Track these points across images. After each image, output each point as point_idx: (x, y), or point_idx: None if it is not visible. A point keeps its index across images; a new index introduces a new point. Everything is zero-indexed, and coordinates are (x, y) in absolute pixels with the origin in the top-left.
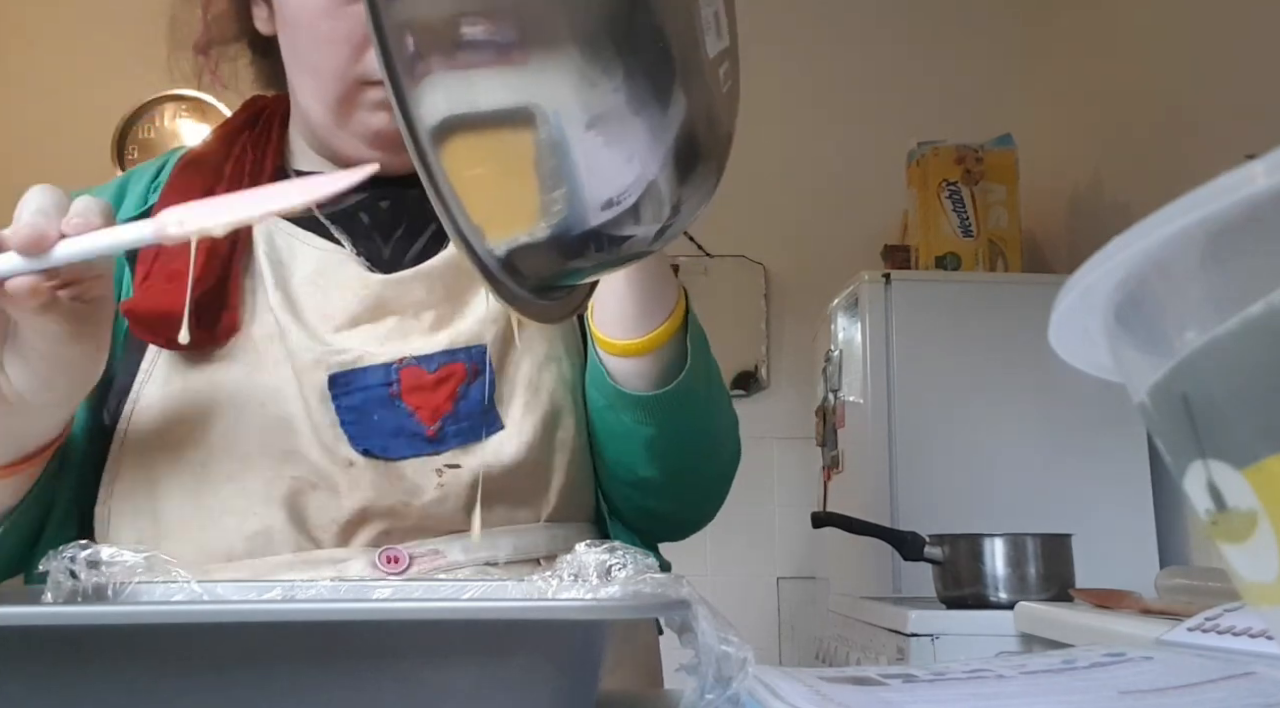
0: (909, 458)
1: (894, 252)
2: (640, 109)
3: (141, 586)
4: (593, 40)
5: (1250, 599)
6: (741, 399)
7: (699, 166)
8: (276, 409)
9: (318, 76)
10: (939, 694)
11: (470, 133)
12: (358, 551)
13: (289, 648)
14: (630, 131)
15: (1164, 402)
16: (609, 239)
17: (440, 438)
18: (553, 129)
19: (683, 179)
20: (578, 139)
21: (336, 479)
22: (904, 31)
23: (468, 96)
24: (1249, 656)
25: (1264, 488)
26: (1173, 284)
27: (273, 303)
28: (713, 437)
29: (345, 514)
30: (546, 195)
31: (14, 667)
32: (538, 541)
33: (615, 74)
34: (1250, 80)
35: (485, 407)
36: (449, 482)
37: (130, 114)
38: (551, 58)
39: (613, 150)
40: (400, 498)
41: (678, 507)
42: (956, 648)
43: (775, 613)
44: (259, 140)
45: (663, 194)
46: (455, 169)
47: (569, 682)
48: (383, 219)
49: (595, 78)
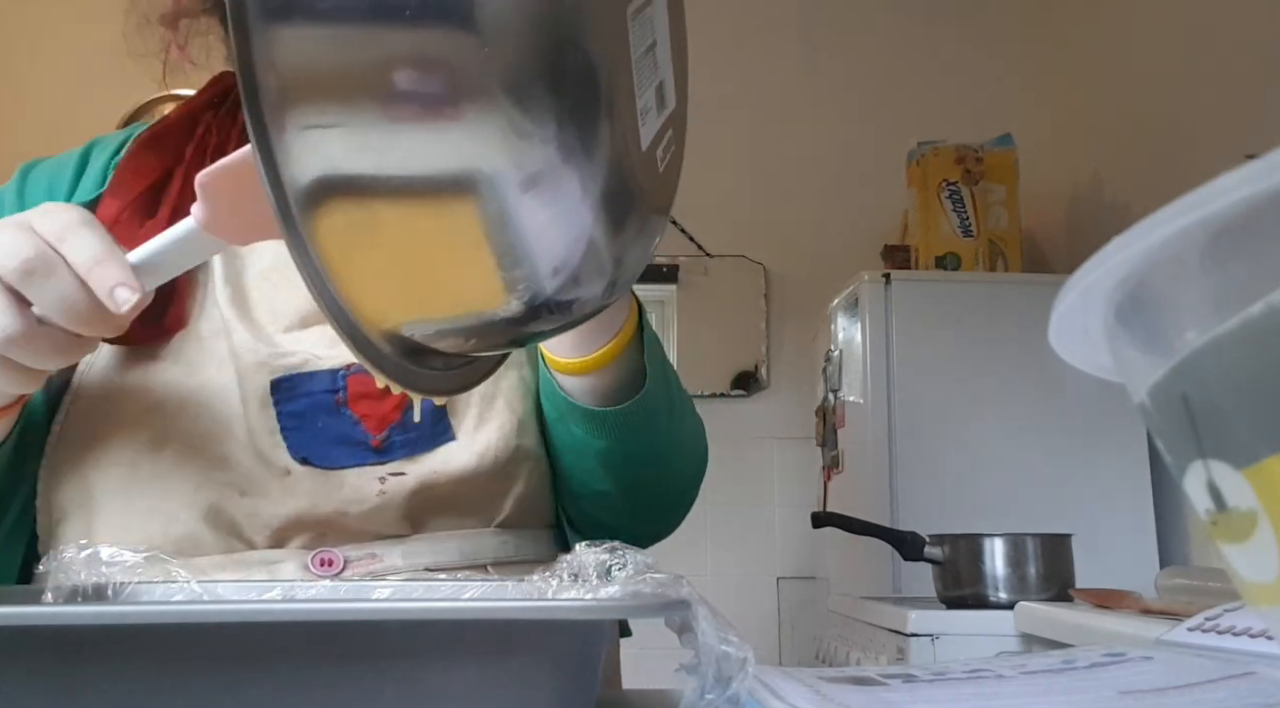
0: (909, 458)
1: (894, 252)
2: (569, 156)
3: (141, 586)
4: (524, 82)
5: (1250, 599)
6: (741, 399)
7: (634, 209)
8: (215, 411)
9: None
10: (939, 694)
11: (374, 204)
12: (291, 552)
13: (289, 648)
14: (564, 185)
15: (1164, 402)
16: (559, 304)
17: (386, 448)
18: (492, 196)
19: (619, 228)
20: (516, 203)
21: (269, 486)
22: (904, 32)
23: (378, 161)
24: (1249, 656)
25: (1264, 488)
26: (1173, 284)
27: (220, 298)
28: (674, 447)
29: (278, 521)
30: (507, 273)
31: (14, 667)
32: (485, 546)
33: (547, 121)
34: (1250, 80)
35: (435, 417)
36: (391, 489)
37: (130, 114)
38: (477, 107)
39: (551, 209)
40: (338, 507)
41: (634, 521)
42: (956, 648)
43: (775, 613)
44: (224, 120)
45: (602, 249)
46: (332, 242)
47: (569, 682)
48: None
49: (527, 128)
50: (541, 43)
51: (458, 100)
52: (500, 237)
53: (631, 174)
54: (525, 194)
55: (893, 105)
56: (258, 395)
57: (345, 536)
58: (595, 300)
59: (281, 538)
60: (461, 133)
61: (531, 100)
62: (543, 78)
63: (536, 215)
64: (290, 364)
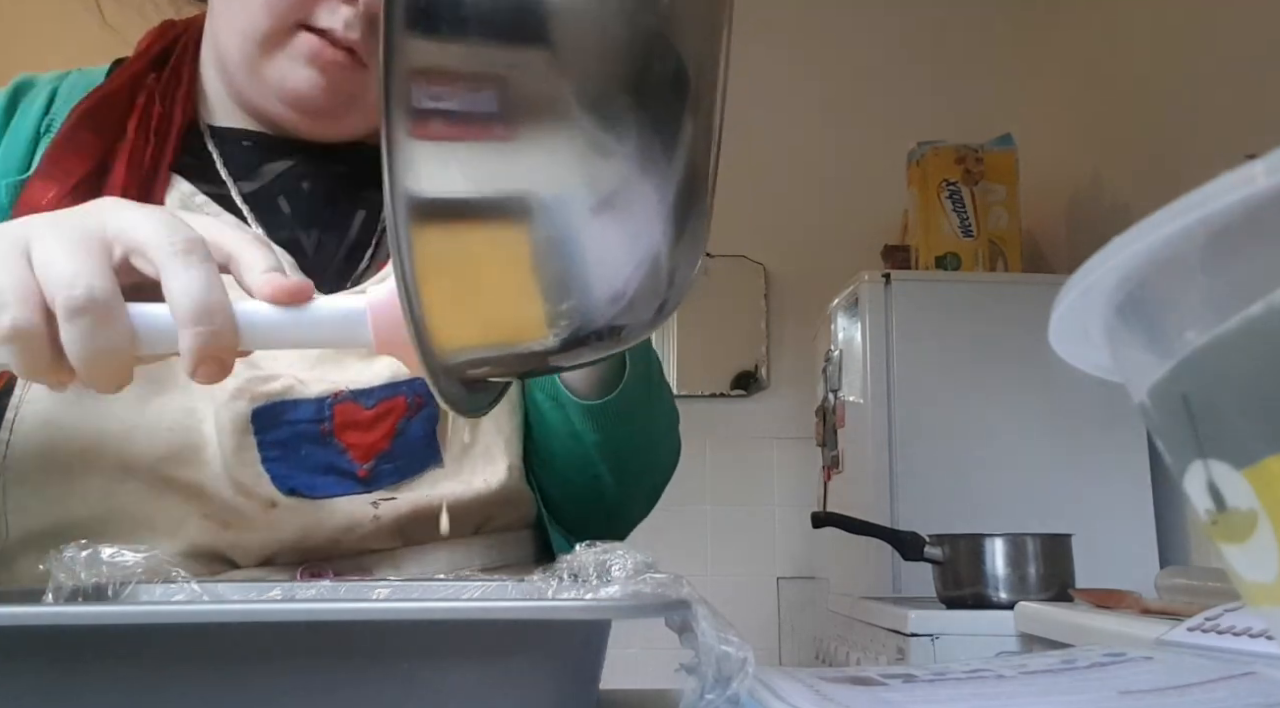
0: (909, 458)
1: (894, 252)
2: (648, 166)
3: (141, 586)
4: (607, 97)
5: (1250, 599)
6: (741, 399)
7: (695, 208)
8: (184, 436)
9: (248, 2)
10: (939, 694)
11: (456, 224)
12: (277, 570)
13: (289, 648)
14: (638, 200)
15: (1164, 402)
16: (609, 331)
17: (373, 477)
18: (555, 223)
19: (679, 235)
20: (584, 228)
21: (253, 519)
22: (904, 32)
23: (462, 176)
24: (1249, 656)
25: (1264, 488)
26: (1173, 284)
27: None
28: (659, 441)
29: (267, 551)
30: (552, 306)
31: (14, 667)
32: (472, 553)
33: (628, 135)
34: (1250, 80)
35: (424, 442)
36: (385, 513)
37: None
38: (556, 127)
39: (621, 230)
40: (330, 536)
41: (620, 501)
42: (956, 648)
43: (775, 613)
44: (168, 87)
45: (662, 265)
46: (428, 262)
47: (569, 682)
48: (304, 206)
49: (608, 144)
50: (635, 49)
51: (541, 117)
52: (558, 263)
53: (706, 170)
54: (598, 215)
55: (893, 105)
56: (236, 424)
57: (335, 554)
58: (644, 327)
59: (268, 561)
60: (539, 151)
61: (614, 112)
62: (629, 86)
63: (607, 235)
64: (272, 392)
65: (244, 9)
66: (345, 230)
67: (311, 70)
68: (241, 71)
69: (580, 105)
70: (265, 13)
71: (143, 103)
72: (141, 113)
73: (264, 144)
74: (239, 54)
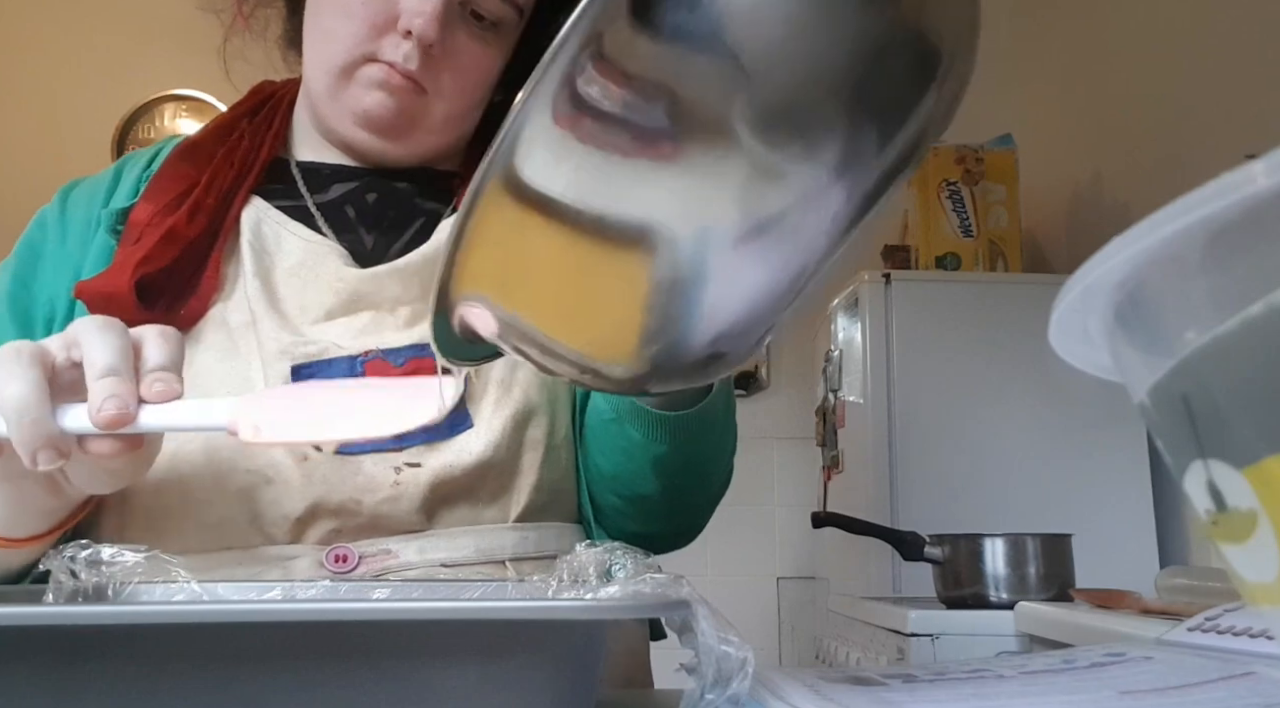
0: (909, 458)
1: (894, 251)
2: (830, 186)
3: (141, 586)
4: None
5: (1250, 599)
6: (742, 399)
7: (862, 220)
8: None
9: (329, 41)
10: (939, 694)
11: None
12: (306, 548)
13: (289, 648)
14: (797, 232)
15: (1164, 402)
16: (700, 363)
17: (403, 435)
18: (683, 257)
19: (829, 257)
20: (717, 264)
21: (290, 474)
22: None
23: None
24: (1249, 656)
25: (1264, 488)
26: (1173, 284)
27: (249, 292)
28: (721, 459)
29: (297, 511)
30: (645, 344)
31: (14, 667)
32: (504, 542)
33: (821, 151)
34: (1250, 80)
35: (456, 404)
36: (406, 481)
37: (130, 114)
38: (715, 145)
39: (759, 269)
40: (352, 495)
41: (667, 526)
42: (956, 648)
43: (775, 613)
44: (259, 128)
45: (792, 293)
46: (490, 225)
47: (569, 682)
48: (368, 212)
49: (782, 166)
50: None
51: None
52: (673, 293)
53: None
54: (745, 244)
55: None
56: (279, 382)
57: (360, 530)
58: (742, 355)
59: (299, 532)
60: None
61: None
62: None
63: (754, 264)
64: (310, 352)
65: (326, 46)
66: (402, 232)
67: (381, 93)
68: (324, 100)
69: (756, 126)
70: (341, 48)
71: (234, 140)
72: (230, 147)
73: (339, 171)
74: (321, 85)
